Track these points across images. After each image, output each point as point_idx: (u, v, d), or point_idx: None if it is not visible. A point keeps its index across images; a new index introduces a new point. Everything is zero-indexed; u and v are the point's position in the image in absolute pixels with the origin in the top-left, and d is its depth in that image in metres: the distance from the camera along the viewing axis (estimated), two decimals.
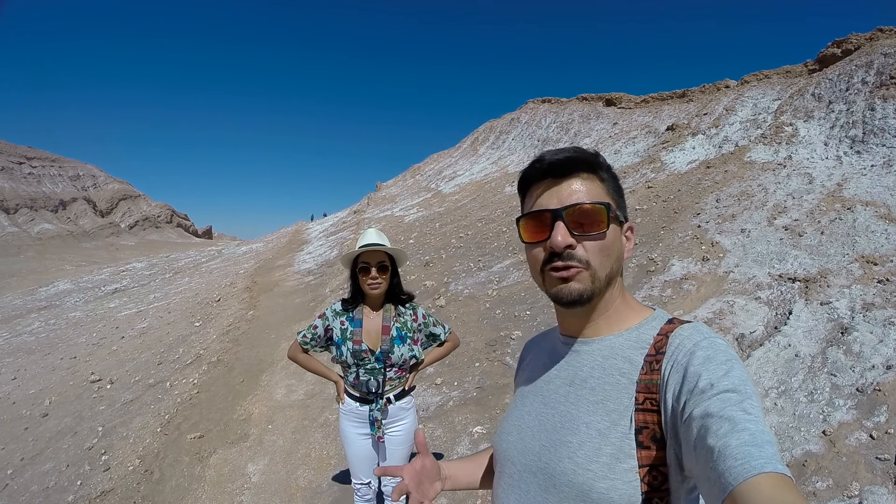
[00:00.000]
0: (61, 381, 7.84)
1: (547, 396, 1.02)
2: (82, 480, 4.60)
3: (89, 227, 67.31)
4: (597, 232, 0.94)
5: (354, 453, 2.83)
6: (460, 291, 8.21)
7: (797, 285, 5.34)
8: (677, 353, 0.86)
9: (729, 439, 0.67)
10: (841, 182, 7.65)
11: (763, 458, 0.65)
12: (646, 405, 0.86)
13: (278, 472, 4.41)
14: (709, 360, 0.81)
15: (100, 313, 14.20)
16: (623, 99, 20.46)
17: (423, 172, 29.81)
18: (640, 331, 0.97)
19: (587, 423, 0.90)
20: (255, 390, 6.24)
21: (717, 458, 0.67)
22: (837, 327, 4.49)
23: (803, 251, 6.02)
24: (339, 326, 2.72)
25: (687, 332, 0.90)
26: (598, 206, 0.94)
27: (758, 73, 14.46)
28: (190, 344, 8.68)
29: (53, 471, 4.88)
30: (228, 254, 26.06)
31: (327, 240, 20.15)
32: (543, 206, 0.96)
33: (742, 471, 0.64)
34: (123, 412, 6.07)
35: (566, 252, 0.92)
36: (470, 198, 17.82)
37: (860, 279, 5.11)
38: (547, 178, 0.98)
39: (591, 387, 0.95)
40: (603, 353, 0.97)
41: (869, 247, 5.65)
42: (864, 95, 9.56)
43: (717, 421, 0.71)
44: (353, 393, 2.76)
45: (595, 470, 0.85)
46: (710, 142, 11.85)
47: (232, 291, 13.17)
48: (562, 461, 0.90)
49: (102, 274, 24.08)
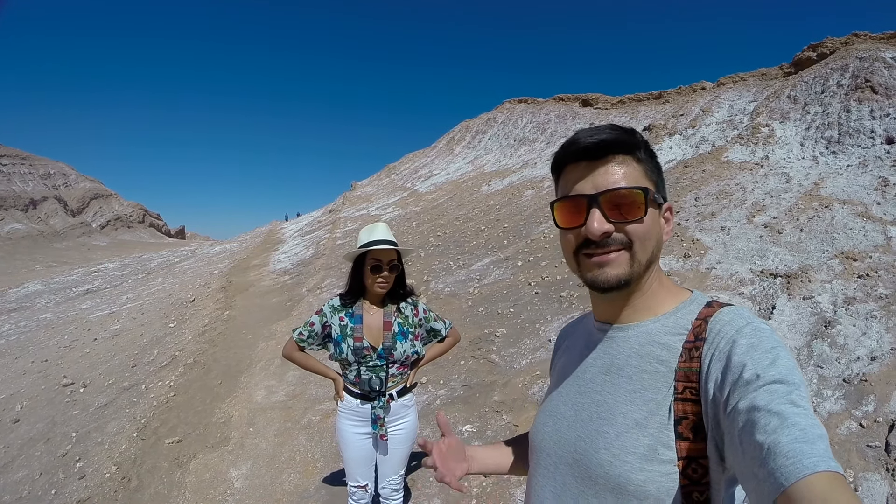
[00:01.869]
0: (33, 385, 7.59)
1: (583, 385, 0.99)
2: (57, 489, 4.44)
3: (60, 226, 65.64)
4: (635, 218, 0.90)
5: (353, 454, 2.73)
6: (441, 290, 8.17)
7: (779, 281, 5.39)
8: (718, 339, 0.83)
9: (779, 436, 0.64)
10: (818, 181, 7.77)
11: (816, 455, 0.62)
12: (685, 394, 0.83)
13: (262, 476, 4.28)
14: (753, 347, 0.77)
15: (71, 315, 13.84)
16: (600, 100, 20.65)
17: (398, 172, 29.76)
18: (677, 315, 0.93)
19: (624, 413, 0.88)
20: (234, 392, 6.10)
21: (767, 455, 0.64)
22: (821, 321, 4.54)
23: (783, 248, 6.09)
24: (338, 323, 2.62)
25: (728, 316, 0.86)
26: (635, 190, 0.90)
27: (734, 75, 14.67)
28: (165, 345, 8.48)
29: (26, 479, 4.70)
30: (202, 254, 25.67)
31: (302, 239, 19.96)
32: (579, 191, 0.92)
33: (794, 470, 0.61)
34: (98, 416, 5.88)
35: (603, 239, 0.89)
36: (447, 197, 17.80)
37: (841, 274, 5.18)
38: (582, 161, 0.93)
39: (628, 375, 0.92)
40: (640, 340, 0.94)
41: (848, 243, 5.74)
42: (840, 98, 9.73)
43: (765, 415, 0.67)
44: (353, 391, 2.67)
45: (632, 461, 0.83)
46: (688, 142, 11.96)
47: (207, 292, 12.93)
48: (598, 452, 0.87)
49: (74, 275, 23.51)
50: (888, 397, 3.50)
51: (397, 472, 2.81)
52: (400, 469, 2.81)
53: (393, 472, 2.79)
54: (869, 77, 9.49)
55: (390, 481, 2.81)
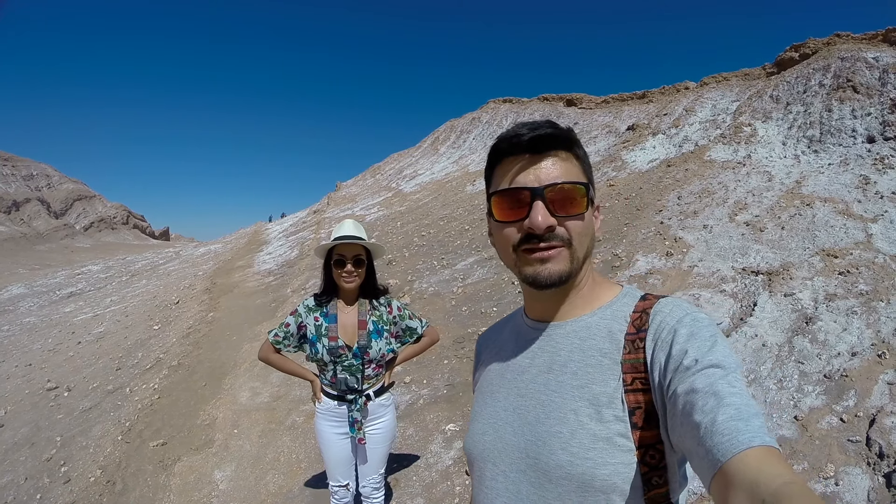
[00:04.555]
0: (16, 390, 7.49)
1: (523, 387, 0.97)
2: (42, 494, 4.40)
3: (43, 228, 64.69)
4: (577, 213, 0.91)
5: (332, 454, 2.72)
6: (425, 289, 8.15)
7: (761, 278, 5.45)
8: (660, 330, 0.85)
9: (716, 415, 0.67)
10: (799, 180, 7.87)
11: (750, 431, 0.64)
12: (635, 385, 0.84)
13: (247, 478, 4.26)
14: (693, 335, 0.80)
15: (55, 318, 13.64)
16: (584, 99, 20.72)
17: (383, 172, 29.67)
18: (613, 308, 0.95)
19: (575, 410, 0.86)
20: (218, 394, 6.05)
21: (705, 434, 0.67)
22: (802, 317, 4.60)
23: (765, 245, 6.16)
24: (312, 322, 2.61)
25: (668, 308, 0.89)
26: (578, 185, 0.91)
27: (717, 75, 14.80)
28: (149, 348, 8.39)
29: (11, 485, 4.66)
30: (186, 255, 25.42)
31: (287, 240, 19.83)
32: (521, 183, 0.90)
33: (730, 446, 0.64)
34: (82, 420, 5.82)
35: (546, 234, 0.88)
36: (431, 197, 17.77)
37: (822, 271, 5.25)
38: (525, 154, 0.92)
39: (572, 371, 0.91)
40: (580, 335, 0.94)
41: (829, 241, 5.82)
42: (822, 97, 9.86)
43: (703, 396, 0.70)
44: (330, 392, 2.66)
45: (594, 458, 0.82)
46: (671, 141, 12.06)
47: (191, 293, 12.81)
48: (555, 454, 0.85)
49: (57, 277, 23.17)
50: (869, 392, 3.56)
51: (377, 472, 2.81)
52: (380, 468, 2.82)
53: (373, 472, 2.80)
54: (850, 77, 9.61)
55: (370, 480, 2.81)
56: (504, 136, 0.94)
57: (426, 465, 3.96)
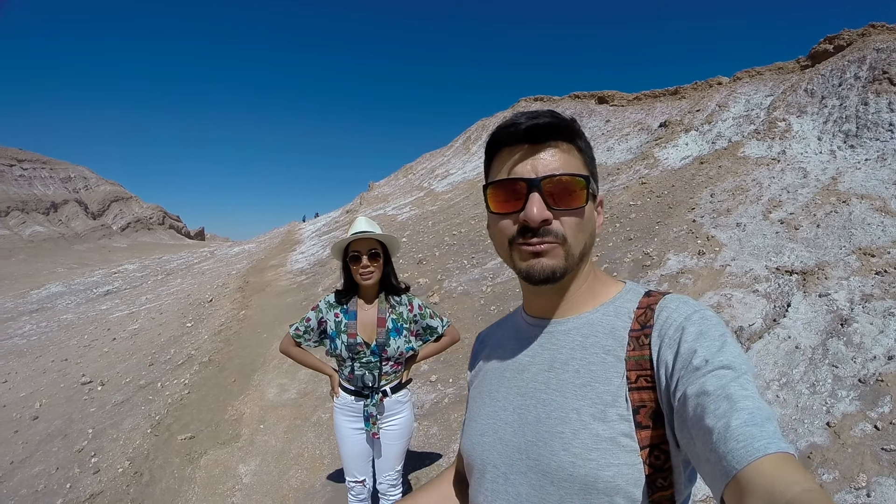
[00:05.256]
0: (52, 384, 7.76)
1: (523, 387, 0.93)
2: (72, 483, 4.53)
3: (81, 229, 66.85)
4: (575, 207, 0.87)
5: (349, 449, 2.74)
6: (454, 288, 8.14)
7: (795, 278, 5.29)
8: (667, 327, 0.82)
9: (729, 419, 0.65)
10: (835, 176, 7.63)
11: (765, 437, 0.62)
12: (639, 383, 0.82)
13: (270, 472, 4.33)
14: (702, 334, 0.78)
15: (91, 315, 14.09)
16: (615, 96, 20.46)
17: (415, 172, 29.82)
18: (616, 304, 0.92)
19: (577, 410, 0.83)
20: (246, 390, 6.15)
21: (718, 439, 0.64)
22: (837, 319, 4.44)
23: (800, 244, 5.98)
24: (333, 319, 2.63)
25: (674, 304, 0.86)
26: (577, 178, 0.87)
27: (750, 69, 14.46)
28: (181, 344, 8.60)
29: (43, 474, 4.80)
30: (221, 255, 25.96)
31: (319, 239, 20.11)
32: (518, 174, 0.87)
33: (745, 453, 0.61)
34: (114, 414, 5.99)
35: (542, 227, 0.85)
36: (463, 196, 17.76)
37: (858, 271, 5.07)
38: (523, 144, 0.88)
39: (574, 369, 0.88)
40: (582, 332, 0.91)
41: (866, 239, 5.62)
42: (857, 90, 9.55)
43: (715, 400, 0.68)
44: (347, 387, 2.69)
45: (597, 458, 0.79)
46: (704, 138, 11.83)
47: (224, 292, 13.09)
48: (556, 455, 0.82)
49: (94, 276, 23.92)
50: None
51: (394, 468, 2.82)
52: (396, 465, 2.83)
53: (389, 468, 2.81)
54: (886, 69, 9.30)
55: (387, 476, 2.82)
56: (502, 126, 0.90)
57: (448, 463, 3.94)
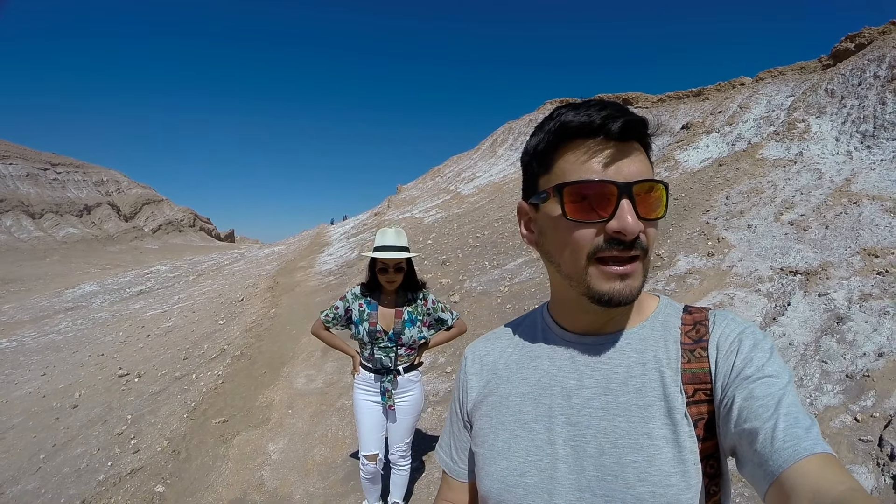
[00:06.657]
0: (90, 376, 8.21)
1: (573, 415, 0.83)
2: (112, 461, 4.93)
3: (113, 231, 68.61)
4: (658, 216, 0.79)
5: (365, 421, 3.13)
6: (474, 288, 8.43)
7: (798, 278, 5.45)
8: (723, 339, 0.81)
9: (776, 422, 0.67)
10: (850, 177, 7.70)
11: (811, 439, 0.65)
12: (697, 396, 0.79)
13: (297, 450, 4.71)
14: (756, 346, 0.78)
15: (125, 314, 14.69)
16: (640, 98, 20.50)
17: (442, 174, 30.10)
18: (661, 318, 0.88)
19: (648, 434, 0.77)
20: (276, 380, 6.55)
21: (765, 440, 0.67)
22: (833, 317, 4.61)
23: (807, 245, 6.12)
24: (357, 308, 3.07)
25: (725, 319, 0.85)
26: (661, 185, 0.79)
27: (773, 69, 14.44)
28: (214, 340, 9.03)
29: (84, 454, 5.22)
30: (251, 256, 26.58)
31: (347, 242, 20.51)
32: (606, 176, 0.75)
33: (792, 453, 0.64)
34: (151, 402, 6.41)
35: (633, 241, 0.76)
36: (488, 199, 18.02)
37: (860, 271, 5.22)
38: (607, 140, 0.76)
39: (635, 389, 0.81)
40: (636, 348, 0.84)
41: (872, 239, 5.75)
42: (876, 90, 9.54)
43: (762, 405, 0.70)
44: (367, 366, 3.12)
45: (676, 483, 0.74)
46: (724, 140, 11.90)
47: (255, 291, 13.56)
48: (633, 487, 0.75)
49: (127, 276, 24.73)
50: (889, 393, 3.54)
51: (404, 440, 3.22)
52: (406, 437, 3.23)
53: (400, 440, 3.21)
54: None
55: (398, 448, 3.23)
56: (567, 117, 0.78)
57: None
